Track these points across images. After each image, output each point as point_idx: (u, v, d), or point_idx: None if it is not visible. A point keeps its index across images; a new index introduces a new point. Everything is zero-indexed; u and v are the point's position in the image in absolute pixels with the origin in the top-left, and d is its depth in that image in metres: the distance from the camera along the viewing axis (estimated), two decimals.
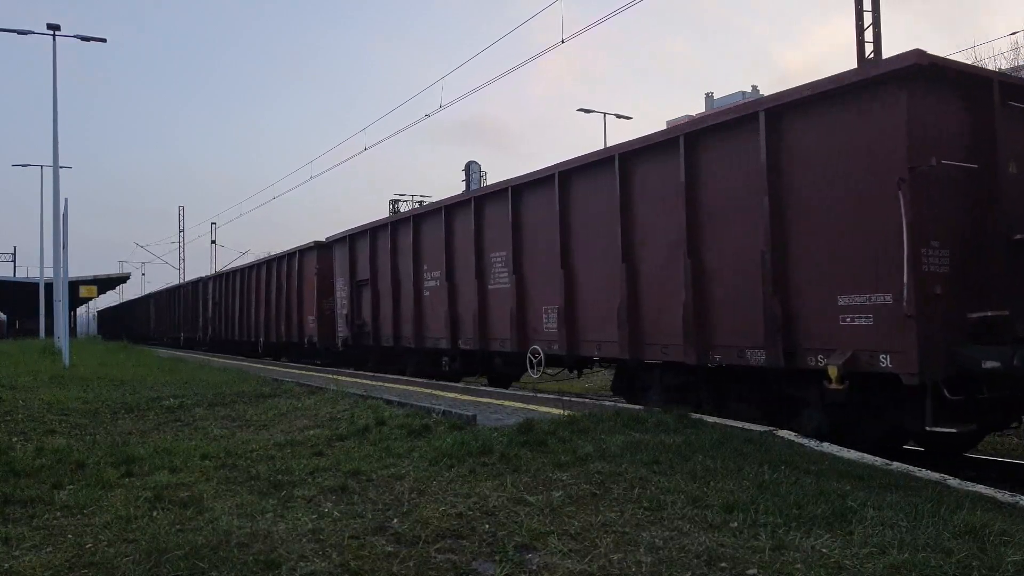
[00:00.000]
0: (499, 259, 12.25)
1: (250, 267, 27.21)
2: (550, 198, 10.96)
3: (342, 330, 18.37)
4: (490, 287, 12.48)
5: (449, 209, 13.85)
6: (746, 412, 8.24)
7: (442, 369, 14.40)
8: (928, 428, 6.51)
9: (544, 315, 11.19)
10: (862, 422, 7.46)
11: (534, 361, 11.27)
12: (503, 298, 12.09)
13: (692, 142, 8.61)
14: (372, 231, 16.86)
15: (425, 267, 14.57)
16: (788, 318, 7.53)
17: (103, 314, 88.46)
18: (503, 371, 13.22)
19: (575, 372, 12.00)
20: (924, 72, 6.58)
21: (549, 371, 11.49)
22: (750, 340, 7.90)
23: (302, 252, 21.64)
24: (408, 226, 15.24)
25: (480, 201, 12.89)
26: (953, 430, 6.54)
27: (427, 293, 14.48)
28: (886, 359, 6.65)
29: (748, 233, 7.93)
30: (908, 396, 6.71)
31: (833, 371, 6.90)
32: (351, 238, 17.91)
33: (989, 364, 6.36)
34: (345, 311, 18.02)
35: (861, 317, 6.90)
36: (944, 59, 6.83)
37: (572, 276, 10.63)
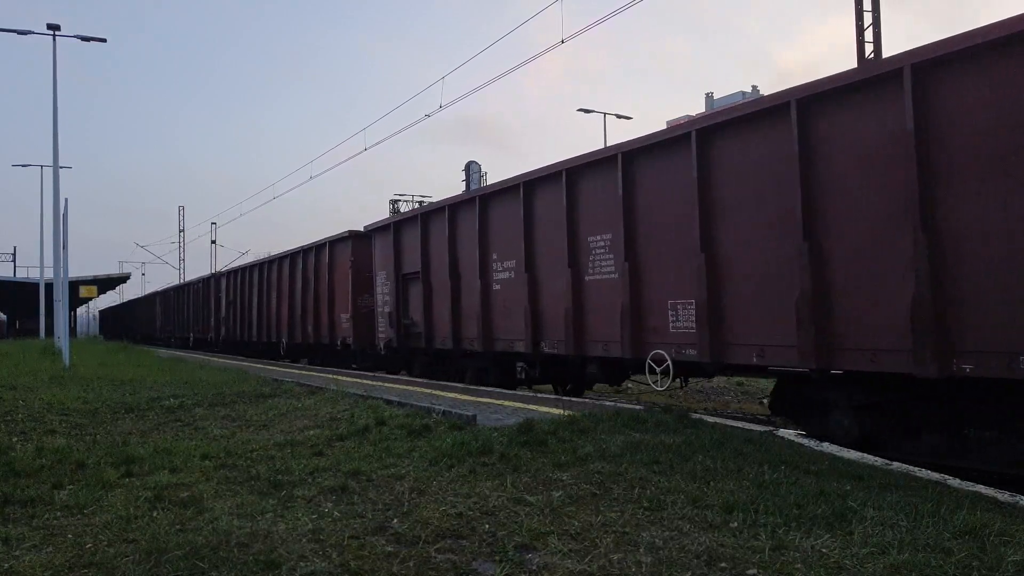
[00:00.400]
0: (601, 244, 10.15)
1: (271, 261, 24.65)
2: (680, 165, 8.81)
3: (384, 331, 16.21)
4: (587, 278, 10.36)
5: (530, 187, 11.56)
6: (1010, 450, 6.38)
7: (517, 376, 12.48)
8: None
9: (671, 312, 9.02)
10: None
11: (656, 368, 9.26)
12: (607, 291, 10.01)
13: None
14: (424, 216, 14.65)
15: (495, 256, 12.43)
16: None
17: (104, 314, 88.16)
18: (600, 379, 11.07)
19: (683, 381, 10.22)
20: None
21: (659, 380, 9.49)
22: None
23: (334, 243, 19.37)
24: (471, 209, 12.97)
25: (575, 175, 10.65)
26: None
27: (497, 287, 12.38)
28: None
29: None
30: None
31: None
32: (396, 226, 15.75)
33: None
34: (388, 309, 15.93)
35: None
36: None
37: (718, 261, 8.38)
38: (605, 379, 10.93)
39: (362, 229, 18.09)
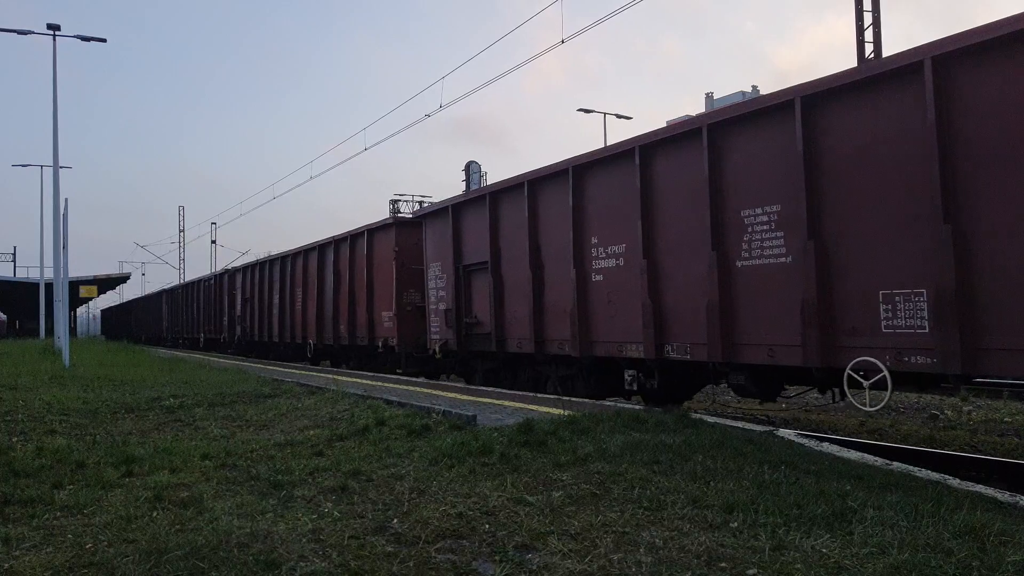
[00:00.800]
0: (763, 219, 8.08)
1: (295, 254, 22.21)
2: (906, 104, 6.77)
3: (439, 331, 14.20)
4: (740, 264, 8.23)
5: (648, 152, 9.35)
6: None
7: (625, 386, 10.19)
8: None
9: (884, 306, 6.97)
10: None
11: (863, 382, 7.22)
12: (772, 280, 7.97)
13: None
14: (493, 196, 12.45)
15: (595, 240, 10.30)
16: None
17: (107, 313, 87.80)
18: (751, 392, 8.83)
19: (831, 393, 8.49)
20: None
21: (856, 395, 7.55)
22: None
23: (374, 232, 17.22)
24: (563, 183, 10.78)
25: (722, 132, 8.43)
26: None
27: (598, 278, 10.22)
28: None
29: None
30: None
31: None
32: (456, 209, 13.58)
33: None
34: (444, 306, 13.89)
35: None
36: None
37: (969, 235, 6.35)
38: (758, 392, 8.80)
39: (408, 216, 16.55)
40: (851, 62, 21.13)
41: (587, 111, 38.30)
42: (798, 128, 7.58)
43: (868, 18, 19.56)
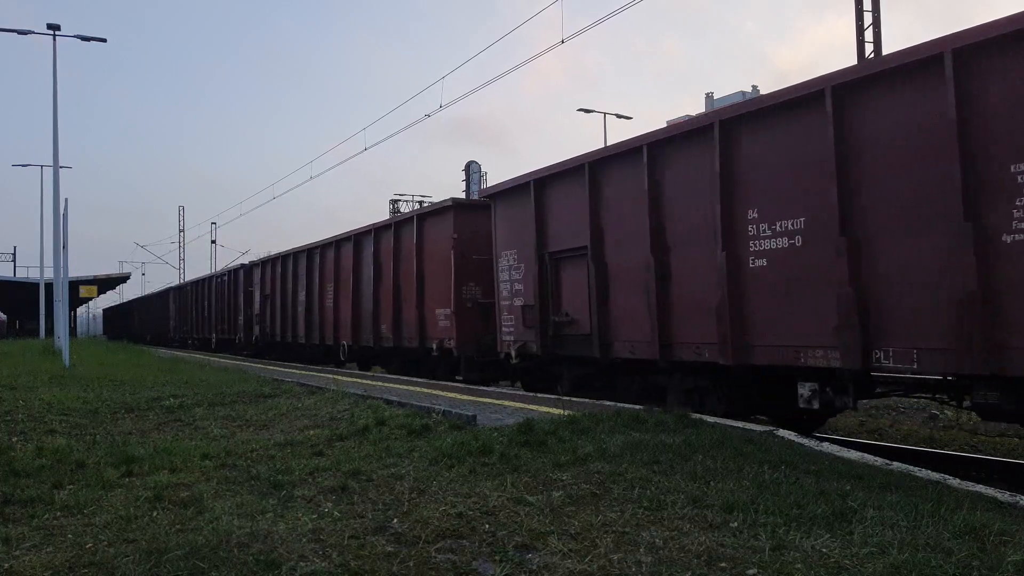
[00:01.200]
0: None
1: (325, 245, 20.04)
2: None
3: (513, 331, 12.04)
4: (1008, 238, 6.00)
5: (845, 92, 7.14)
6: None
7: (801, 403, 7.85)
8: None
9: None
10: None
11: None
12: None
13: None
14: (594, 167, 10.19)
15: (753, 214, 8.00)
16: None
17: (108, 313, 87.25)
18: (1006, 412, 6.59)
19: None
20: None
21: None
22: None
23: (424, 216, 15.23)
24: (700, 145, 8.59)
25: (968, 58, 6.22)
26: None
27: (760, 263, 7.90)
28: None
29: None
30: None
31: None
32: (539, 184, 11.32)
33: None
34: (521, 302, 11.78)
35: None
36: None
37: None
38: (1016, 413, 6.61)
39: (470, 199, 15.21)
40: (851, 61, 21.20)
41: (587, 111, 38.31)
42: None
43: (868, 18, 19.56)
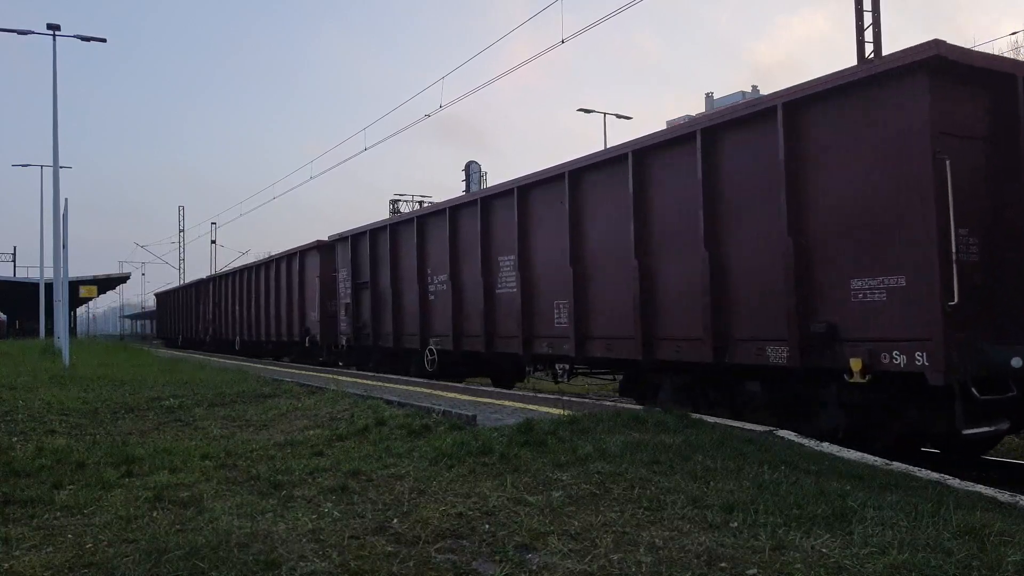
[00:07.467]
0: None
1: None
2: None
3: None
4: None
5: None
6: None
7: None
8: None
9: None
10: None
11: None
12: None
13: None
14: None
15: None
16: None
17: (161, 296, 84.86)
18: None
19: None
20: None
21: None
22: None
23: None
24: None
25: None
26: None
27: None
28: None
29: None
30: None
31: None
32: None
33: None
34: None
35: None
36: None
37: None
38: None
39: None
40: (837, 57, 21.17)
41: (587, 111, 38.27)
42: None
43: (868, 18, 19.54)
